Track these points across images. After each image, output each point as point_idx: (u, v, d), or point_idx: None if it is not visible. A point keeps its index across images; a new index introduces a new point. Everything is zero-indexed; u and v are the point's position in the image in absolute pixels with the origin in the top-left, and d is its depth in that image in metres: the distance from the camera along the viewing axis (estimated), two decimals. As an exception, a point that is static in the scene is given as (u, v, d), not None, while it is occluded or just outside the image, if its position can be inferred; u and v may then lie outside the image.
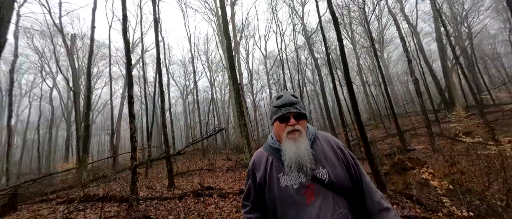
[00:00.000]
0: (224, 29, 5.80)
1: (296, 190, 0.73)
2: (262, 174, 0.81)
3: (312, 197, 0.71)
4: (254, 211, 0.86)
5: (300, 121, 0.80)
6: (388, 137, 13.82)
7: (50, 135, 16.77)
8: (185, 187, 3.87)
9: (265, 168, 0.82)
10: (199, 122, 15.03)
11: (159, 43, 5.02)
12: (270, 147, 0.86)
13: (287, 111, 0.79)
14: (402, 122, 15.89)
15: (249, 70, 18.68)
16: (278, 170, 0.79)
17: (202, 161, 7.78)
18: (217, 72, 21.25)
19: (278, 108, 0.81)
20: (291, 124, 0.78)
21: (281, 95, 0.84)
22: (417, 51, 11.21)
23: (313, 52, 14.76)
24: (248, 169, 0.90)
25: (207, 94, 24.35)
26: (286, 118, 0.79)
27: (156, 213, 2.45)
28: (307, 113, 0.87)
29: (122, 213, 2.43)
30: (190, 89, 21.56)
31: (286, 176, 0.76)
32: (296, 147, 0.74)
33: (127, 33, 3.28)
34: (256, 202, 0.85)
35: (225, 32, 5.75)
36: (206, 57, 19.86)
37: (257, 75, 23.88)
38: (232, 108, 16.48)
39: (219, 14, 13.65)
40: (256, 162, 0.86)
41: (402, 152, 8.14)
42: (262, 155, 0.86)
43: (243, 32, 15.30)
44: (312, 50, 14.70)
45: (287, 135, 0.77)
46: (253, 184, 0.85)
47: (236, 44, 11.54)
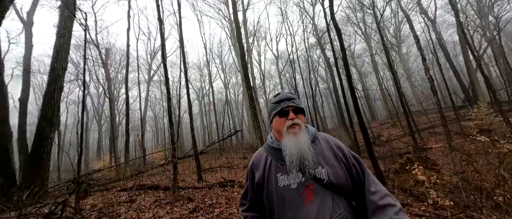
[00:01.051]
0: (238, 41, 6.51)
1: (294, 189, 0.73)
2: (261, 174, 0.82)
3: (311, 197, 0.71)
4: (251, 210, 0.86)
5: (298, 115, 0.82)
6: (405, 135, 13.66)
7: (86, 137, 19.06)
8: (210, 180, 4.68)
9: (264, 168, 0.82)
10: (215, 122, 16.10)
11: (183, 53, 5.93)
12: (269, 147, 0.87)
13: (285, 105, 0.81)
14: (421, 120, 15.48)
15: (261, 71, 19.34)
16: (276, 170, 0.79)
17: (220, 159, 8.66)
18: (230, 74, 22.24)
19: (277, 103, 0.84)
20: (290, 118, 0.80)
21: (279, 93, 0.87)
22: (434, 47, 10.96)
23: (325, 52, 14.93)
24: (248, 169, 0.91)
25: (221, 95, 25.53)
26: (286, 112, 0.81)
27: (194, 197, 3.26)
28: (304, 110, 0.87)
29: (169, 197, 3.27)
30: (206, 91, 22.86)
31: (284, 176, 0.76)
32: (297, 141, 0.75)
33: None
34: (254, 201, 0.86)
35: (239, 43, 6.46)
36: (220, 60, 20.93)
37: (269, 75, 24.46)
38: (245, 109, 17.30)
39: (231, 19, 14.48)
40: (255, 162, 0.87)
41: (417, 151, 8.26)
42: (261, 156, 0.87)
43: (254, 36, 15.99)
44: (323, 49, 14.87)
45: (288, 130, 0.79)
46: (251, 183, 0.86)
47: (248, 50, 12.27)
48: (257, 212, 0.85)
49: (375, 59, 19.01)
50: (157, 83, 21.58)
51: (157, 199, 3.21)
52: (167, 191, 3.67)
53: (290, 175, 0.75)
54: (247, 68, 6.12)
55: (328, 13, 5.64)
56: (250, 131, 16.13)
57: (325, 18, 6.13)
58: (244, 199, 0.89)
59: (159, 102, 25.80)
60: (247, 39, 12.74)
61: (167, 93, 4.14)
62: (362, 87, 22.53)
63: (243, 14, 13.46)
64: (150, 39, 17.93)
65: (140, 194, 3.63)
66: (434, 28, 14.16)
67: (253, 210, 0.86)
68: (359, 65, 24.63)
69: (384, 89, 16.53)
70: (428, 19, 13.75)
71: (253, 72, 13.20)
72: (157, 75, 19.90)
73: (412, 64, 25.00)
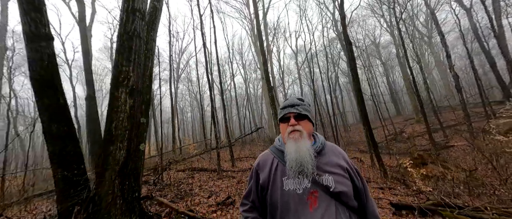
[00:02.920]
0: (260, 47, 7.55)
1: (299, 195, 0.74)
2: (266, 176, 0.83)
3: (315, 204, 0.72)
4: (252, 211, 0.86)
5: (301, 121, 0.84)
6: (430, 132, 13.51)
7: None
8: (241, 166, 6.05)
9: (270, 170, 0.83)
10: (237, 115, 17.64)
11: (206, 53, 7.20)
12: (276, 149, 0.88)
13: (287, 111, 0.85)
14: (449, 116, 14.98)
15: (280, 67, 20.10)
16: (282, 173, 0.80)
17: (244, 151, 10.08)
18: (250, 70, 23.39)
19: (281, 109, 0.89)
20: (291, 124, 0.82)
21: (288, 98, 0.91)
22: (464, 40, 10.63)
23: (350, 43, 15.01)
24: (252, 169, 0.91)
25: (241, 90, 26.98)
26: (287, 118, 0.85)
27: (235, 176, 4.60)
28: (311, 115, 0.89)
29: (216, 176, 4.67)
30: (227, 86, 24.50)
31: (290, 180, 0.77)
32: (296, 147, 0.77)
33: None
34: (256, 202, 0.86)
35: (260, 48, 7.49)
36: (241, 56, 22.14)
37: (288, 70, 24.99)
38: (265, 104, 18.47)
39: (252, 19, 15.41)
40: (261, 163, 0.88)
41: (433, 150, 8.62)
42: (268, 157, 0.88)
43: (275, 34, 16.72)
44: (344, 45, 15.00)
45: (289, 135, 0.82)
46: (255, 184, 0.87)
47: (268, 51, 13.19)
48: (258, 214, 0.85)
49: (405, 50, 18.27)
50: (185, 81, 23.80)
51: (209, 177, 4.64)
52: (213, 172, 5.10)
53: (296, 180, 0.76)
54: (268, 72, 7.19)
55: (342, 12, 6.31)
56: (270, 126, 17.35)
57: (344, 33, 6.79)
58: (246, 199, 0.89)
59: (184, 97, 28.35)
60: (267, 42, 13.63)
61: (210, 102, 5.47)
62: (387, 81, 21.84)
63: (264, 17, 14.28)
64: (177, 40, 19.81)
65: (193, 174, 5.13)
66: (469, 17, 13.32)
67: (254, 211, 0.86)
68: (385, 57, 23.65)
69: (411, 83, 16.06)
70: (463, 8, 12.96)
71: (273, 71, 14.15)
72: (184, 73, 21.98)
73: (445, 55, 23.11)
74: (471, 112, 13.31)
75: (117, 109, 2.10)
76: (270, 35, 16.47)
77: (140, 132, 2.46)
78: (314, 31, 15.18)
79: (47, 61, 1.98)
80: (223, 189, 3.74)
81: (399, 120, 19.36)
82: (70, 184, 1.85)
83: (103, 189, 1.89)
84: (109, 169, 1.93)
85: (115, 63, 2.30)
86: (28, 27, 1.97)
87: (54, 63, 2.06)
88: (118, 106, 2.12)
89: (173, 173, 5.31)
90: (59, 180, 1.83)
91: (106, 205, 1.84)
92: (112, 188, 1.88)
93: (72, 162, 1.91)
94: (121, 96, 2.14)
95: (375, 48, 22.38)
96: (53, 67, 2.03)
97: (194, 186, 4.07)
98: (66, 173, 1.83)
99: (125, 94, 2.15)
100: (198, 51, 14.19)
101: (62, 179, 1.83)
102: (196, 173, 5.12)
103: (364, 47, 20.75)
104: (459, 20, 11.11)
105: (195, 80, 24.32)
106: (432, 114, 15.02)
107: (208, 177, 4.63)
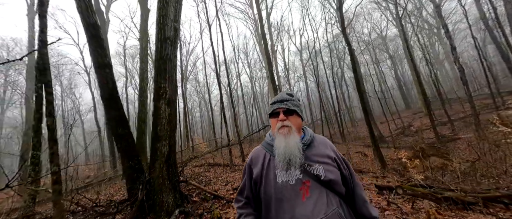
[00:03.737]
0: (264, 48, 8.21)
1: (292, 185, 0.78)
2: (259, 171, 0.86)
3: (308, 193, 0.76)
4: (247, 207, 0.89)
5: (290, 116, 0.88)
6: (438, 125, 13.78)
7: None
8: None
9: (262, 164, 0.87)
10: (244, 113, 18.43)
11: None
12: (268, 144, 0.92)
13: (277, 107, 0.89)
14: (459, 109, 15.04)
15: (285, 64, 20.60)
16: (275, 166, 0.84)
17: (251, 147, 10.87)
18: (255, 69, 24.02)
19: (271, 105, 0.93)
20: (280, 119, 0.87)
21: (278, 94, 0.95)
22: (471, 30, 10.77)
23: (350, 44, 15.33)
24: (245, 165, 0.95)
25: (247, 88, 27.72)
26: (277, 113, 0.89)
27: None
28: (300, 110, 0.92)
29: (229, 170, 5.46)
30: (233, 85, 25.34)
31: (283, 172, 0.81)
32: (285, 142, 0.81)
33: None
34: (250, 198, 0.89)
35: (265, 49, 8.14)
36: (246, 55, 22.82)
37: (294, 66, 25.41)
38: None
39: (256, 19, 16.00)
40: (254, 158, 0.92)
41: (443, 142, 8.99)
42: (260, 152, 0.93)
43: (278, 33, 17.22)
44: (348, 42, 15.26)
45: (278, 131, 0.86)
46: (249, 180, 0.90)
47: (273, 52, 13.77)
48: (253, 209, 0.89)
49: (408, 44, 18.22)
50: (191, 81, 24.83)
51: (223, 170, 5.45)
52: (226, 166, 5.90)
53: (288, 172, 0.80)
54: (273, 74, 7.86)
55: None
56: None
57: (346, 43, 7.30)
58: (240, 195, 0.93)
59: (192, 97, 29.49)
60: (272, 42, 14.19)
61: (220, 103, 6.22)
62: (395, 75, 21.79)
63: (267, 17, 14.84)
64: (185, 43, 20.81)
65: (209, 169, 5.96)
66: (478, 6, 13.24)
67: (249, 206, 0.89)
68: (394, 49, 23.50)
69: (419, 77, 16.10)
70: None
71: (278, 69, 14.71)
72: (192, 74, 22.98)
73: (460, 44, 22.59)
74: (481, 103, 13.33)
75: (160, 116, 2.89)
76: (274, 34, 17.00)
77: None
78: (318, 28, 15.56)
79: (111, 83, 2.80)
80: (237, 179, 4.51)
81: (408, 114, 19.41)
82: (133, 170, 2.67)
83: (155, 174, 2.69)
84: (158, 160, 2.72)
85: (155, 81, 3.09)
86: (97, 59, 2.79)
87: (115, 85, 2.88)
88: (160, 114, 2.90)
89: (191, 168, 6.17)
90: (126, 168, 2.66)
91: (158, 185, 2.64)
92: (161, 173, 2.68)
93: (133, 155, 2.72)
94: (161, 106, 2.92)
95: (382, 41, 22.31)
96: (114, 87, 2.85)
97: (212, 177, 4.88)
98: (131, 162, 2.65)
99: (165, 105, 2.93)
100: (206, 52, 15.04)
101: (129, 167, 2.65)
102: (211, 168, 5.95)
103: (370, 41, 20.80)
104: (465, 10, 11.16)
105: (201, 80, 25.37)
106: (441, 106, 15.10)
107: (222, 170, 5.44)
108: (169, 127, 2.91)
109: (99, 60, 2.77)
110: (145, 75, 8.06)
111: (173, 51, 3.29)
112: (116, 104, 2.78)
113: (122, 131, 2.71)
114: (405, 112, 20.84)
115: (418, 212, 2.38)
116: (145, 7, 9.47)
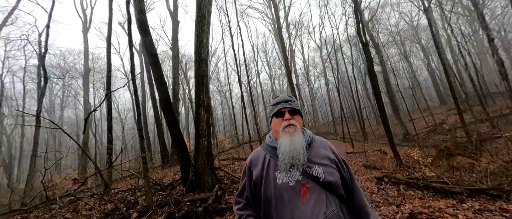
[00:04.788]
0: (282, 52, 8.99)
1: (292, 187, 0.80)
2: (259, 172, 0.89)
3: (307, 195, 0.79)
4: (247, 208, 0.92)
5: (295, 116, 0.92)
6: (475, 122, 13.12)
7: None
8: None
9: (262, 166, 0.90)
10: (264, 111, 19.43)
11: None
12: (268, 146, 0.96)
13: (282, 106, 0.93)
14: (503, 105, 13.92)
15: (304, 60, 20.89)
16: (275, 168, 0.86)
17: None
18: (274, 67, 24.71)
19: (274, 105, 0.96)
20: (286, 118, 0.90)
21: (278, 96, 0.99)
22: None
23: (373, 38, 15.03)
24: (245, 167, 0.98)
25: (267, 86, 28.56)
26: (282, 113, 0.93)
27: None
28: (301, 111, 0.97)
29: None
30: (253, 83, 26.44)
31: (282, 174, 0.83)
32: (291, 141, 0.84)
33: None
34: (250, 199, 0.92)
35: (282, 52, 8.92)
36: (265, 54, 23.66)
37: (314, 62, 25.40)
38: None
39: (274, 19, 16.66)
40: (254, 160, 0.96)
41: (478, 141, 8.78)
42: (260, 154, 0.96)
43: (297, 31, 17.63)
44: (372, 35, 14.99)
45: (283, 129, 0.89)
46: (249, 181, 0.93)
47: (291, 52, 14.36)
48: (252, 210, 0.91)
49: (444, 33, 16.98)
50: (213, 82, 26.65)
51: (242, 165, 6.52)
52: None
53: (288, 173, 0.82)
54: (290, 75, 8.61)
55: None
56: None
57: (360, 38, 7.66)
58: (240, 197, 0.95)
59: (214, 96, 31.50)
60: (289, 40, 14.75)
61: (241, 103, 7.26)
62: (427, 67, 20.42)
63: (285, 18, 15.40)
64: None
65: (233, 162, 7.08)
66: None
67: (249, 208, 0.92)
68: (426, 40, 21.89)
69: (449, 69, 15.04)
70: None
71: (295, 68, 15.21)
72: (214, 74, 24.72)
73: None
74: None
75: (200, 120, 4.00)
76: (293, 31, 17.45)
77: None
78: (338, 24, 15.56)
79: (166, 97, 4.00)
80: (257, 170, 5.47)
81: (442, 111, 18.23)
82: (184, 158, 3.85)
83: (198, 162, 3.82)
84: (200, 152, 3.84)
85: (195, 92, 4.22)
86: (157, 80, 4.01)
87: (169, 98, 4.08)
88: (200, 118, 4.01)
89: (219, 161, 7.39)
90: (180, 157, 3.84)
91: (201, 169, 3.77)
92: (203, 161, 3.80)
93: (184, 148, 3.90)
94: (201, 112, 4.03)
95: (413, 31, 21.01)
96: (168, 100, 4.06)
97: (236, 168, 5.96)
98: (183, 153, 3.83)
99: (203, 111, 4.04)
100: (227, 52, 16.27)
101: (181, 157, 3.83)
102: (235, 161, 7.07)
103: (398, 32, 19.79)
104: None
105: (222, 80, 26.98)
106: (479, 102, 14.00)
107: (244, 164, 6.50)
108: (207, 127, 4.01)
109: (159, 81, 3.99)
110: (177, 80, 9.52)
111: (206, 68, 4.37)
112: (170, 112, 3.99)
113: (175, 131, 3.90)
114: (439, 108, 19.51)
115: (401, 196, 3.06)
116: (175, 19, 10.98)
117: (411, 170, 5.85)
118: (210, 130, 4.14)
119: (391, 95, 15.29)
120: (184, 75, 18.62)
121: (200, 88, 4.14)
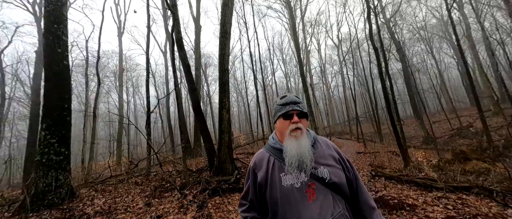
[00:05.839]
0: (297, 54, 9.73)
1: (298, 188, 0.82)
2: (264, 174, 0.90)
3: (313, 196, 0.80)
4: (251, 210, 0.94)
5: (302, 119, 0.92)
6: (507, 126, 12.67)
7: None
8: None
9: (267, 168, 0.91)
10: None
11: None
12: (272, 147, 0.96)
13: (291, 108, 0.92)
14: (541, 108, 13.13)
15: (320, 59, 21.12)
16: (280, 170, 0.88)
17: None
18: (291, 65, 25.20)
19: (282, 106, 0.94)
20: (294, 122, 0.90)
21: (285, 95, 0.98)
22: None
23: (394, 36, 14.84)
24: (249, 169, 0.98)
25: (282, 84, 29.18)
26: (290, 115, 0.92)
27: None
28: (308, 114, 0.98)
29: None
30: (268, 81, 27.24)
31: (288, 176, 0.85)
32: (298, 145, 0.85)
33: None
34: (254, 202, 0.93)
35: (297, 53, 9.65)
36: (280, 52, 24.26)
37: (331, 60, 25.35)
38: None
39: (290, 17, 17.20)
40: (258, 162, 0.96)
41: (506, 147, 8.75)
42: (264, 156, 0.96)
43: (313, 29, 17.97)
44: (392, 33, 14.80)
45: (290, 133, 0.89)
46: (253, 184, 0.94)
47: (307, 51, 14.89)
48: (257, 213, 0.93)
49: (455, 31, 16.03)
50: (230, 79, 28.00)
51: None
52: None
53: (293, 175, 0.84)
54: (305, 77, 9.35)
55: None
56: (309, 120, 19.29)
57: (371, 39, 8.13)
58: (244, 199, 0.97)
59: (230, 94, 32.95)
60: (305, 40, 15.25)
61: (256, 101, 8.23)
62: (457, 66, 19.37)
63: (302, 18, 15.89)
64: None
65: (248, 155, 8.14)
66: None
67: (253, 210, 0.94)
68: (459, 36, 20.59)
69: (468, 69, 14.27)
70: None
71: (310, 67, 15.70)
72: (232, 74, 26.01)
73: None
74: None
75: (223, 119, 5.07)
76: (309, 30, 17.83)
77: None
78: (357, 23, 15.60)
79: (197, 101, 5.13)
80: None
81: (471, 112, 17.30)
82: (210, 150, 4.97)
83: (221, 153, 4.90)
84: (223, 145, 4.92)
85: (219, 97, 5.29)
86: (190, 86, 5.15)
87: (199, 102, 5.21)
88: (223, 118, 5.08)
89: (236, 154, 8.51)
90: (207, 148, 4.98)
91: (223, 159, 4.85)
92: (225, 152, 4.87)
93: (210, 141, 5.02)
94: (224, 113, 5.09)
95: (443, 26, 19.99)
96: (198, 102, 5.20)
97: (251, 160, 7.00)
98: (209, 145, 4.95)
99: (226, 112, 5.09)
100: (243, 50, 17.29)
101: (208, 148, 4.96)
102: (249, 155, 8.11)
103: (425, 27, 19.03)
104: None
105: (238, 78, 28.20)
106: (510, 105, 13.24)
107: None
108: (228, 125, 5.07)
109: (191, 87, 5.12)
110: (198, 80, 10.78)
111: (228, 76, 5.41)
112: (200, 112, 5.12)
113: (203, 128, 5.03)
114: (468, 110, 18.51)
115: (385, 187, 3.81)
116: (198, 24, 12.24)
117: (416, 171, 6.34)
118: (230, 128, 5.20)
119: (412, 95, 15.01)
120: (202, 72, 20.14)
121: (223, 94, 5.20)
